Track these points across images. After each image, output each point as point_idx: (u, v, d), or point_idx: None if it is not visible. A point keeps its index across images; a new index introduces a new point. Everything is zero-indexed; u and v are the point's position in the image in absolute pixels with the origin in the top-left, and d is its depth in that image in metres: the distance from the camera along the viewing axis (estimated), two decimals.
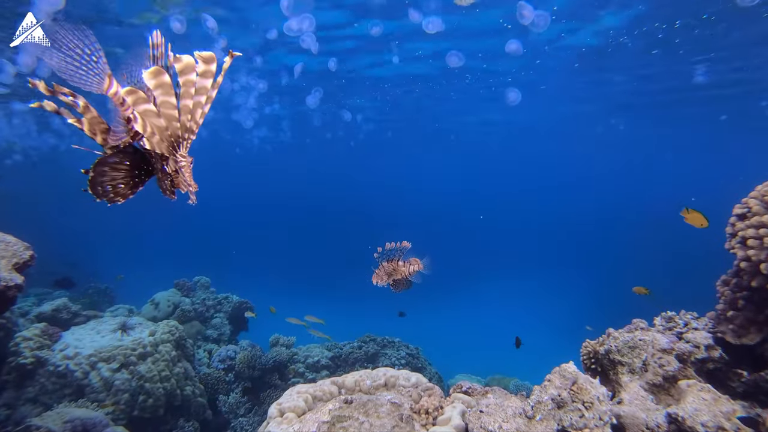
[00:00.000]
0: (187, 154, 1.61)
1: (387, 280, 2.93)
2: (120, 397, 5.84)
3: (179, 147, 1.56)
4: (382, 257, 2.90)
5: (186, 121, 1.51)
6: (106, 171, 1.57)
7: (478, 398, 2.76)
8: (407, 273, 2.91)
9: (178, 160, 1.57)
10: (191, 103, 1.47)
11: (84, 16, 8.04)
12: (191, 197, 1.64)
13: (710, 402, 2.36)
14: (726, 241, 2.77)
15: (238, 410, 7.56)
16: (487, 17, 9.18)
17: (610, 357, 3.01)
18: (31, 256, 3.96)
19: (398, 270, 2.89)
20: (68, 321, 7.75)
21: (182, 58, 1.39)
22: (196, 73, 1.42)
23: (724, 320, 2.77)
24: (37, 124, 18.69)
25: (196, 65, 1.41)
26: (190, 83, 1.43)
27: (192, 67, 1.40)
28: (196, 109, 1.50)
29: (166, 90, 1.41)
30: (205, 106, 1.51)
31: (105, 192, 1.58)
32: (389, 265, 2.90)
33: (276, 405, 2.80)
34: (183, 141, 1.56)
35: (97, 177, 1.56)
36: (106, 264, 19.28)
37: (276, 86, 14.20)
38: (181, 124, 1.51)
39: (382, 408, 2.51)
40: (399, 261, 2.90)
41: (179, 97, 1.45)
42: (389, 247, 2.88)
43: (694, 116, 18.67)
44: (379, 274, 2.91)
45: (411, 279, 2.96)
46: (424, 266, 2.94)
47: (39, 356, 5.87)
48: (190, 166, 1.61)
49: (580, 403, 2.37)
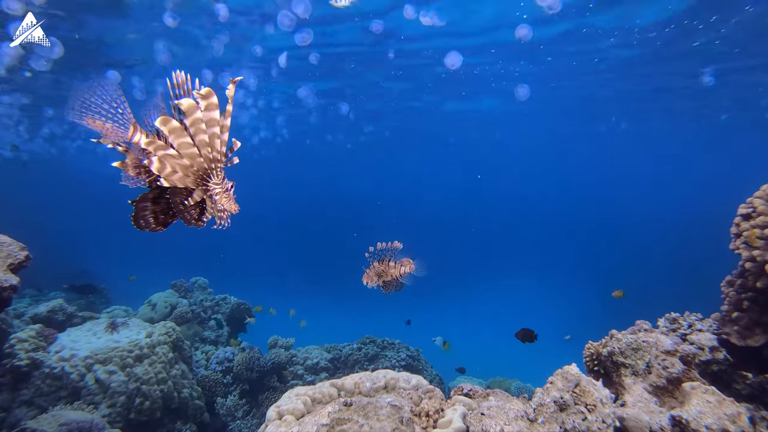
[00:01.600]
0: (224, 179, 1.75)
1: (377, 281, 2.88)
2: (116, 400, 5.84)
3: (210, 176, 1.71)
4: (373, 257, 2.84)
5: (208, 153, 1.64)
6: (147, 206, 1.72)
7: (479, 401, 2.76)
8: (398, 274, 2.86)
9: (211, 188, 1.72)
10: (206, 137, 1.60)
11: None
12: (220, 222, 1.78)
13: (714, 404, 2.36)
14: (731, 241, 2.77)
15: (236, 413, 7.55)
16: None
17: (613, 359, 3.01)
18: (26, 256, 3.96)
19: (388, 271, 2.84)
20: (64, 322, 7.75)
21: (182, 103, 1.51)
22: (201, 110, 1.53)
23: (728, 321, 2.77)
24: (29, 127, 18.66)
25: (198, 104, 1.52)
26: (198, 121, 1.55)
27: (194, 107, 1.52)
28: (214, 140, 1.62)
29: (178, 133, 1.56)
30: (222, 135, 1.63)
31: (147, 223, 1.74)
32: (380, 265, 2.84)
33: (274, 407, 2.80)
34: (212, 171, 1.70)
35: (140, 212, 1.71)
36: (103, 265, 19.29)
37: (273, 85, 14.19)
38: (204, 157, 1.65)
39: (382, 411, 2.51)
40: (390, 261, 2.85)
41: (193, 135, 1.58)
42: (380, 247, 2.82)
43: (696, 116, 18.70)
44: (369, 275, 2.85)
45: (402, 280, 2.91)
46: (415, 267, 2.89)
47: (34, 358, 5.86)
48: (228, 191, 1.75)
49: (582, 405, 2.37)
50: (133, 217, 1.71)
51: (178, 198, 1.71)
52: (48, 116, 16.70)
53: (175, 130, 1.55)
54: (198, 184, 1.71)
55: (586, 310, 20.80)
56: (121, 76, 11.67)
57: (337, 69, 12.94)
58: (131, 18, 8.74)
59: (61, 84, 13.06)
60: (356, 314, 21.11)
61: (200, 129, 1.57)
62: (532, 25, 8.83)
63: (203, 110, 1.54)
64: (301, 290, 25.96)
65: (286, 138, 24.37)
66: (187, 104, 1.51)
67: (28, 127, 18.78)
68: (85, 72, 11.44)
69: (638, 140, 25.63)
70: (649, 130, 22.29)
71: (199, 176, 1.69)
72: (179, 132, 1.56)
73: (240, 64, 12.00)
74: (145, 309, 9.39)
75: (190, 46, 10.32)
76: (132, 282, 11.87)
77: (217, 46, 9.86)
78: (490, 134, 25.20)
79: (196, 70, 10.70)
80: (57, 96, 14.39)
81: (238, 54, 11.15)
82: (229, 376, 8.04)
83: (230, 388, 7.91)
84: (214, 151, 1.65)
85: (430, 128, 23.06)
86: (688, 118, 19.20)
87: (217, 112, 1.56)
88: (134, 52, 10.60)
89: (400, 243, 2.82)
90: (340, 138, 25.63)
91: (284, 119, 20.28)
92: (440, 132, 24.73)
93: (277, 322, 9.93)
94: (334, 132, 24.18)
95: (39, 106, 15.58)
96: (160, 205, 1.75)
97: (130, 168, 1.68)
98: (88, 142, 23.42)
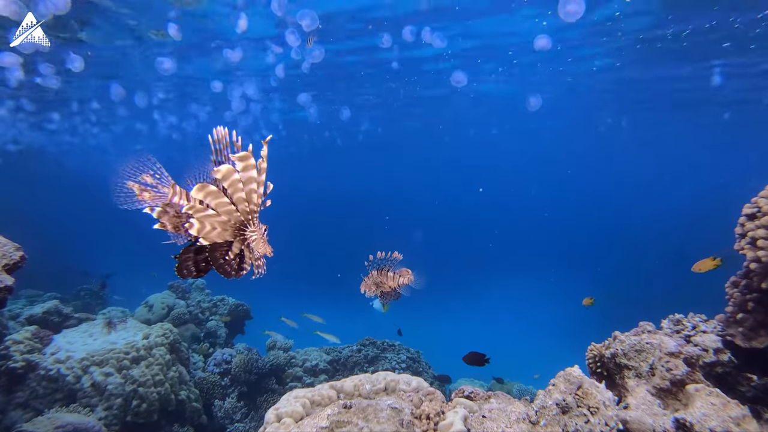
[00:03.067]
0: (259, 223, 1.86)
1: (375, 291, 2.90)
2: (113, 402, 5.84)
3: (247, 226, 1.83)
4: (372, 266, 2.87)
5: (245, 207, 1.76)
6: (189, 257, 1.87)
7: (480, 403, 2.76)
8: (396, 285, 2.89)
9: (248, 236, 1.84)
10: (244, 194, 1.71)
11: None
12: (258, 270, 1.90)
13: (719, 407, 2.36)
14: (735, 241, 2.77)
15: (234, 415, 7.55)
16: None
17: (617, 361, 3.01)
18: (21, 257, 3.95)
19: (386, 282, 2.87)
20: (60, 324, 7.75)
21: (220, 170, 1.61)
22: (239, 172, 1.64)
23: (733, 323, 2.77)
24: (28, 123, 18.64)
25: (235, 168, 1.63)
26: (236, 182, 1.66)
27: (231, 171, 1.63)
28: (251, 195, 1.73)
29: (215, 195, 1.67)
30: (258, 189, 1.73)
31: (189, 272, 1.87)
32: (378, 275, 2.87)
33: (273, 410, 2.79)
34: (249, 221, 1.82)
35: (183, 263, 1.86)
36: (97, 265, 19.26)
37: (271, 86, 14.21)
38: (240, 212, 1.76)
39: (382, 413, 2.51)
40: (389, 272, 2.88)
41: (231, 194, 1.69)
42: (380, 257, 2.84)
43: (698, 114, 18.69)
44: (367, 283, 2.88)
45: (400, 291, 2.93)
46: (414, 279, 2.90)
47: (30, 360, 5.86)
48: (262, 235, 1.87)
49: (585, 408, 2.36)
50: (176, 268, 1.84)
51: (218, 253, 1.83)
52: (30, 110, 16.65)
53: (212, 193, 1.65)
54: (236, 235, 1.82)
55: (588, 311, 20.80)
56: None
57: (338, 68, 12.97)
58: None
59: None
60: (356, 315, 21.09)
61: (238, 188, 1.68)
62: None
63: (241, 171, 1.64)
64: (301, 291, 25.93)
65: (284, 135, 24.38)
66: (225, 171, 1.62)
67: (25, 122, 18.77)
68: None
69: (640, 138, 25.63)
70: (650, 127, 22.29)
71: (236, 228, 1.81)
72: (216, 194, 1.66)
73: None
74: (142, 310, 9.39)
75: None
76: (129, 283, 11.85)
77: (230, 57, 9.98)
78: (494, 134, 25.25)
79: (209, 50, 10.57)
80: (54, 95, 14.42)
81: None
82: (227, 378, 8.04)
83: (228, 391, 7.91)
84: (251, 204, 1.76)
85: (431, 128, 23.07)
86: (690, 114, 19.20)
87: (254, 171, 1.66)
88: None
89: (400, 254, 2.84)
90: (339, 137, 25.62)
91: (281, 117, 20.33)
92: (439, 131, 24.75)
93: (274, 325, 9.92)
94: (332, 131, 24.16)
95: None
96: (202, 255, 1.87)
97: (170, 228, 1.79)
98: (85, 141, 23.48)
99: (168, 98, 15.40)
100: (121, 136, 22.03)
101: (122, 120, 18.76)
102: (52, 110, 16.66)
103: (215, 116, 18.06)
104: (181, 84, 13.85)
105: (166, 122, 18.82)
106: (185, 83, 13.78)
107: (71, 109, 16.63)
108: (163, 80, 13.09)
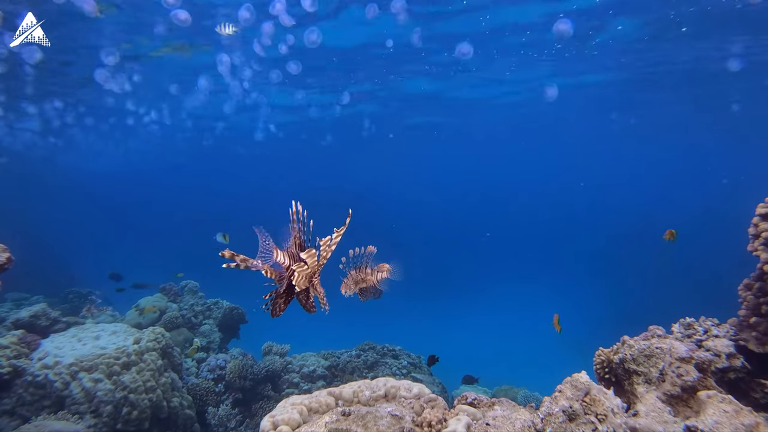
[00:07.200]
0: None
1: (354, 289, 2.90)
2: (102, 409, 5.83)
3: (317, 275, 2.55)
4: (349, 265, 2.87)
5: (322, 262, 2.48)
6: (279, 300, 2.59)
7: (484, 410, 2.76)
8: (375, 281, 2.89)
9: (314, 282, 2.53)
10: (323, 258, 2.46)
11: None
12: (324, 306, 2.56)
13: (732, 414, 2.36)
14: (749, 242, 2.76)
15: (229, 423, 7.55)
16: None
17: (625, 366, 3.00)
18: (8, 258, 3.94)
19: (366, 278, 2.87)
20: (47, 328, 7.74)
21: (303, 255, 2.37)
22: (325, 245, 2.41)
23: (746, 327, 2.77)
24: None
25: (318, 249, 2.39)
26: (329, 249, 2.45)
27: (314, 254, 2.36)
28: (326, 257, 2.47)
29: (312, 257, 2.37)
30: (328, 255, 2.48)
31: (279, 310, 2.59)
32: (357, 273, 2.87)
33: (269, 417, 2.79)
34: (317, 272, 2.54)
35: (275, 305, 2.58)
36: (89, 267, 19.26)
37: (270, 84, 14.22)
38: (318, 265, 2.48)
39: (382, 421, 2.51)
40: (367, 268, 2.88)
41: (320, 255, 2.43)
42: (355, 254, 2.84)
43: (707, 108, 18.65)
44: (347, 284, 2.88)
45: (379, 287, 2.93)
46: (392, 272, 2.90)
47: (16, 365, 5.86)
48: (318, 278, 2.55)
49: (593, 415, 2.36)
50: (272, 310, 2.57)
51: (302, 296, 2.55)
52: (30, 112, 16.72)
53: (312, 255, 2.37)
54: (309, 282, 2.53)
55: (596, 316, 20.78)
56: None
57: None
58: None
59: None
60: (355, 319, 21.07)
61: (322, 256, 2.43)
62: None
63: (323, 246, 2.40)
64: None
65: (281, 137, 24.45)
66: (307, 254, 2.35)
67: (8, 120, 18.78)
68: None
69: (649, 137, 25.64)
70: (660, 125, 22.30)
71: (310, 277, 2.52)
72: (314, 256, 2.38)
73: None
74: (133, 314, 9.39)
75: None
76: (121, 285, 11.79)
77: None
78: (496, 135, 25.28)
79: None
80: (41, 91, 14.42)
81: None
82: (221, 384, 8.04)
83: (222, 397, 7.90)
84: (323, 260, 2.47)
85: (430, 128, 23.10)
86: (703, 110, 19.18)
87: (332, 246, 2.43)
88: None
89: (374, 247, 2.84)
90: (338, 136, 25.62)
91: (280, 114, 20.35)
92: (439, 130, 24.79)
93: (274, 327, 9.89)
94: (331, 130, 24.20)
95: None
96: (283, 297, 2.60)
97: (276, 279, 2.52)
98: (79, 138, 23.58)
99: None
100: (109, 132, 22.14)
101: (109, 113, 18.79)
102: (29, 104, 16.57)
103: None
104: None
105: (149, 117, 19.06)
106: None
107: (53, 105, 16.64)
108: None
